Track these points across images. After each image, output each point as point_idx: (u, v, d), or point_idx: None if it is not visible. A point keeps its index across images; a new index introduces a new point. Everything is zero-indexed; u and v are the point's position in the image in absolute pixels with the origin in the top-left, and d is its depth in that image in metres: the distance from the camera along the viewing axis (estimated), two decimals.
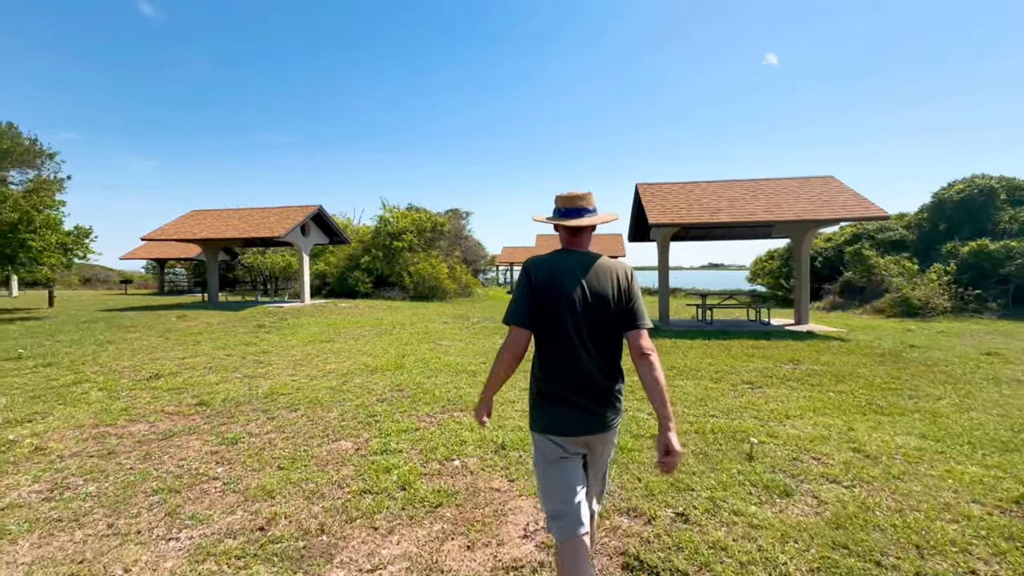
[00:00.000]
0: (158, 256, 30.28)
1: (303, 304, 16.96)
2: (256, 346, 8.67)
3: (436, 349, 8.32)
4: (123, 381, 6.06)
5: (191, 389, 5.62)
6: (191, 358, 7.57)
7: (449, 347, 8.55)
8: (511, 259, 39.10)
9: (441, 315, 14.67)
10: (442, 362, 7.15)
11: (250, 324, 11.91)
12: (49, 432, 4.23)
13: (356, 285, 22.33)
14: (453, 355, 7.76)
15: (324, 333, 10.28)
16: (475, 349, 8.35)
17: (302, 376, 6.26)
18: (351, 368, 6.74)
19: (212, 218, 17.50)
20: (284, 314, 14.04)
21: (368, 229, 26.57)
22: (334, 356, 7.68)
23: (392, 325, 11.78)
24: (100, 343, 9.00)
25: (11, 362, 7.37)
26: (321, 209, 17.45)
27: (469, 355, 7.79)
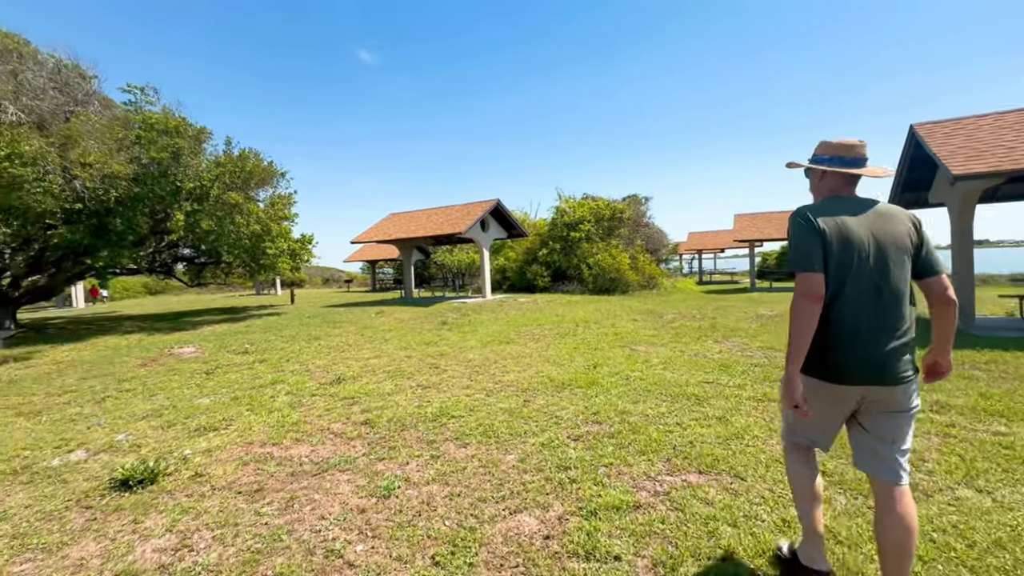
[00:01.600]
0: (371, 258, 34.88)
1: (484, 300, 16.93)
2: (436, 346, 8.19)
3: (634, 357, 6.63)
4: (309, 384, 5.86)
5: (363, 400, 5.03)
6: (375, 359, 7.32)
7: (650, 355, 6.78)
8: (699, 245, 34.91)
9: (627, 311, 12.88)
10: (648, 378, 5.44)
11: (435, 320, 11.90)
12: (219, 449, 3.85)
13: (534, 279, 21.88)
14: (658, 366, 5.98)
15: (503, 332, 9.46)
16: (686, 360, 6.41)
17: (477, 390, 5.24)
18: (532, 381, 5.50)
19: (405, 219, 18.73)
20: (467, 310, 13.96)
21: (544, 222, 26.05)
22: (513, 362, 6.60)
23: (574, 323, 10.46)
24: (309, 339, 9.64)
25: (239, 356, 8.11)
26: (499, 203, 17.20)
27: (681, 368, 5.91)
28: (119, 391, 6.14)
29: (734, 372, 5.58)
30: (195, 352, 8.74)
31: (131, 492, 3.13)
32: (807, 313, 1.68)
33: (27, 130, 9.30)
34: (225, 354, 8.36)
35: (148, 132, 11.52)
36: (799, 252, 1.73)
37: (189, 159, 12.67)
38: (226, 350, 8.68)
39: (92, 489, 3.20)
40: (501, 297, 18.11)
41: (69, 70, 11.57)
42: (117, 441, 4.13)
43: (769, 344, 7.26)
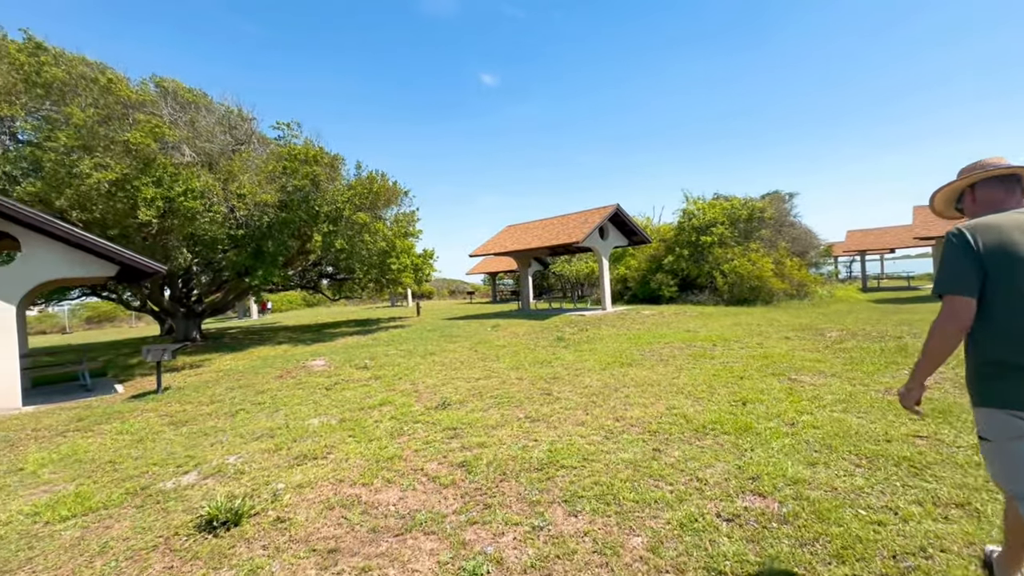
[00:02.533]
0: (491, 270, 35.72)
1: (604, 312, 15.88)
2: (549, 367, 7.49)
3: (796, 391, 5.21)
4: (415, 408, 5.54)
5: (465, 433, 4.50)
6: (484, 380, 6.86)
7: (819, 389, 5.29)
8: (861, 246, 29.69)
9: (775, 326, 10.90)
10: (823, 424, 4.10)
11: (550, 336, 11.25)
12: (311, 485, 3.56)
13: (659, 289, 20.17)
14: (835, 407, 4.55)
15: (625, 352, 8.43)
16: (874, 399, 4.83)
17: (594, 428, 4.40)
18: (663, 420, 4.49)
19: (521, 231, 18.51)
20: (585, 324, 13.09)
21: (669, 227, 24.10)
22: (637, 391, 5.61)
23: (710, 341, 9.01)
24: (425, 354, 9.61)
25: (359, 371, 8.28)
26: (619, 209, 16.08)
27: (870, 411, 4.41)
28: (252, 404, 6.47)
29: (958, 421, 3.96)
30: (324, 365, 9.19)
31: (214, 535, 2.90)
32: (948, 338, 1.68)
33: (199, 168, 10.77)
34: (348, 368, 8.62)
35: (292, 163, 12.75)
36: (947, 273, 1.69)
37: (326, 184, 13.80)
38: (350, 364, 8.97)
39: (183, 525, 3.05)
40: (622, 309, 16.88)
41: (233, 115, 13.34)
42: (227, 464, 4.10)
43: None
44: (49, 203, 9.13)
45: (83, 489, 3.78)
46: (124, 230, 10.18)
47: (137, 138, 9.36)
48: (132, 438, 5.23)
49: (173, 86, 12.26)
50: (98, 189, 9.01)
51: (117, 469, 4.24)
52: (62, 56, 9.60)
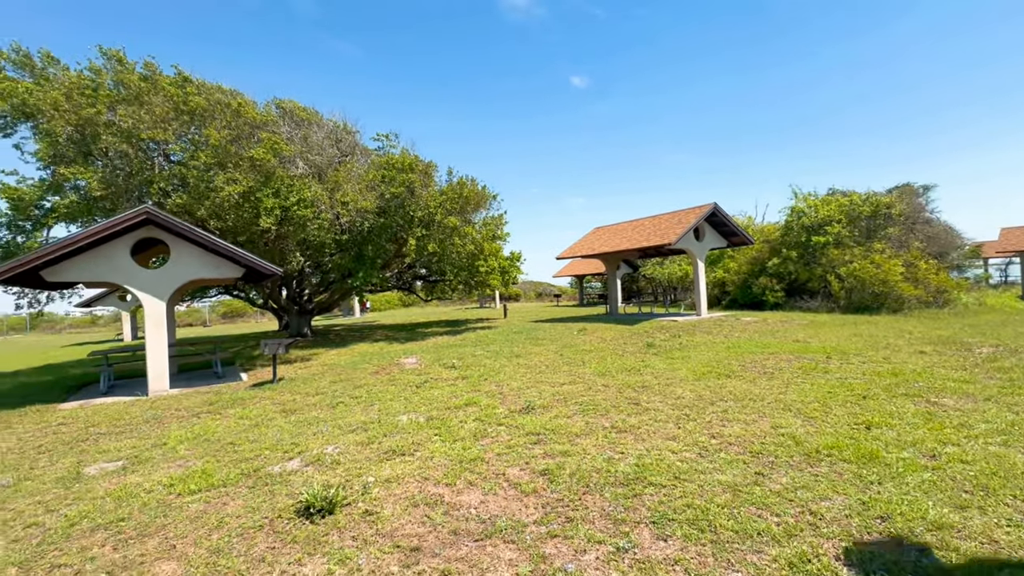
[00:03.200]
0: (578, 273, 35.31)
1: (699, 317, 14.93)
2: (638, 375, 7.15)
3: (936, 417, 4.44)
4: (499, 410, 5.55)
5: (548, 439, 4.40)
6: (569, 385, 6.71)
7: (968, 416, 4.46)
8: (1019, 246, 25.08)
9: (906, 338, 9.48)
10: (975, 459, 3.43)
11: (639, 342, 10.78)
12: (398, 481, 3.67)
13: (762, 294, 18.56)
14: (990, 439, 3.79)
15: (722, 362, 7.81)
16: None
17: (687, 443, 4.07)
18: (767, 440, 4.05)
19: (609, 233, 18.04)
20: (677, 330, 12.39)
21: (775, 227, 22.13)
22: (737, 406, 5.14)
23: (823, 353, 8.05)
24: (511, 356, 9.67)
25: (447, 371, 8.53)
26: (716, 208, 15.05)
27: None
28: (350, 397, 6.91)
29: None
30: (415, 363, 9.60)
31: (310, 521, 3.09)
32: None
33: (310, 179, 11.83)
34: (437, 367, 8.92)
35: (390, 171, 13.55)
36: None
37: (420, 191, 14.48)
38: (439, 363, 9.28)
39: (285, 509, 3.29)
40: (720, 315, 15.76)
41: (340, 129, 14.49)
42: (325, 454, 4.39)
43: None
44: (192, 213, 10.55)
45: (208, 466, 4.25)
46: (250, 236, 11.48)
47: (260, 154, 10.49)
48: (250, 423, 5.82)
49: (290, 106, 13.61)
50: (229, 200, 10.24)
51: (236, 450, 4.72)
52: (203, 86, 11.09)
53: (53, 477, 4.28)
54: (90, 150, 10.24)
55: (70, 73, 9.94)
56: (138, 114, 9.87)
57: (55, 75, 10.13)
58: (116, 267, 8.62)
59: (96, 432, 5.81)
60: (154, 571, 2.65)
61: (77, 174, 9.43)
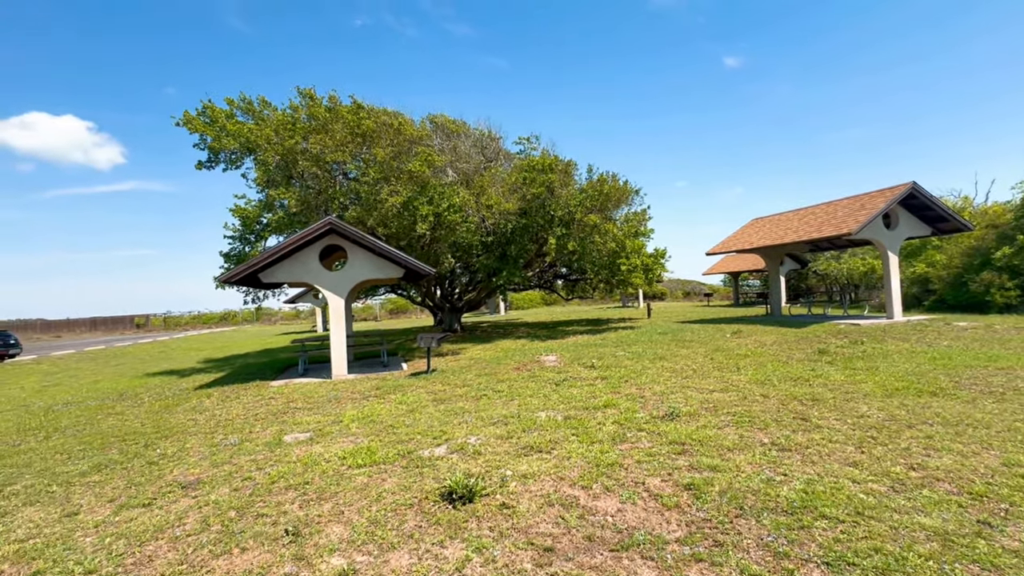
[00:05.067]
0: (733, 269, 32.17)
1: (890, 321, 12.42)
2: (807, 385, 6.19)
3: None
4: (640, 415, 5.28)
5: (694, 450, 4.03)
6: (719, 392, 6.09)
7: None
8: None
9: None
10: None
11: (809, 348, 9.36)
12: (534, 478, 3.70)
13: (985, 293, 14.73)
14: None
15: (925, 375, 6.35)
16: None
17: (873, 474, 3.37)
18: (995, 477, 3.14)
19: (770, 224, 16.04)
20: (860, 335, 10.48)
21: (1003, 207, 17.42)
22: (949, 432, 4.10)
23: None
24: (654, 358, 9.17)
25: (586, 370, 8.42)
26: (915, 187, 12.34)
27: None
28: (493, 391, 7.24)
29: None
30: (555, 361, 9.69)
31: (452, 506, 3.27)
32: None
33: (458, 186, 12.75)
34: (576, 366, 8.87)
35: (530, 173, 13.92)
36: None
37: (560, 190, 14.61)
38: (578, 362, 9.23)
39: (431, 492, 3.54)
40: (920, 318, 12.91)
41: (485, 136, 15.34)
42: (468, 444, 4.64)
43: None
44: (363, 223, 12.15)
45: (372, 444, 4.80)
46: (409, 241, 12.81)
47: (416, 167, 11.62)
48: (407, 408, 6.45)
49: (442, 120, 14.84)
50: (392, 210, 11.54)
51: (394, 432, 5.26)
52: (372, 111, 12.70)
53: (263, 441, 5.25)
54: (291, 174, 12.46)
55: (277, 113, 12.19)
56: (324, 140, 11.70)
57: (268, 116, 12.54)
58: (309, 269, 10.28)
59: (293, 407, 7.00)
60: (327, 531, 3.06)
61: (281, 195, 11.54)
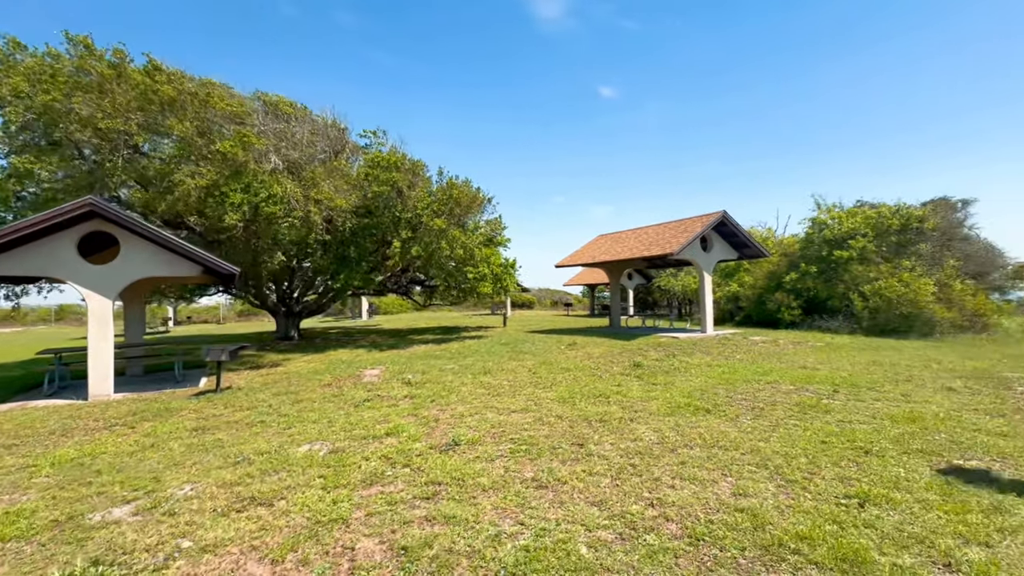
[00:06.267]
0: (589, 281, 34.15)
1: (703, 335, 13.74)
2: (605, 403, 6.14)
3: (957, 493, 3.34)
4: (417, 445, 4.64)
5: (444, 495, 3.46)
6: (519, 413, 5.75)
7: (1006, 495, 3.36)
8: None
9: (933, 368, 8.20)
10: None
11: (628, 361, 9.73)
12: (215, 550, 2.80)
13: (777, 311, 17.20)
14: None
15: (708, 391, 6.74)
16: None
17: (610, 516, 3.09)
18: (719, 512, 3.04)
19: (611, 241, 16.99)
20: (675, 348, 11.28)
21: (795, 239, 20.69)
22: (701, 457, 4.11)
23: (830, 385, 6.90)
24: (479, 372, 8.75)
25: (401, 388, 7.65)
26: (725, 216, 13.87)
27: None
28: (278, 415, 6.10)
29: None
30: (375, 376, 8.78)
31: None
32: None
33: (283, 175, 11.20)
34: (393, 383, 8.07)
35: (373, 169, 12.86)
36: None
37: (408, 191, 13.77)
38: (398, 378, 8.43)
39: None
40: (728, 332, 14.52)
41: (328, 125, 13.89)
42: (173, 497, 3.55)
43: None
44: (153, 208, 10.01)
45: (38, 504, 3.46)
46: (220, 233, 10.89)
47: (226, 147, 9.89)
48: (151, 442, 5.07)
49: (275, 99, 13.07)
50: (191, 195, 9.65)
51: (89, 484, 3.93)
52: (175, 75, 10.60)
53: None
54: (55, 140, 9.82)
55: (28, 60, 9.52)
56: (99, 103, 9.39)
57: (21, 61, 9.75)
58: (59, 261, 8.04)
59: None
60: None
61: (29, 163, 8.97)
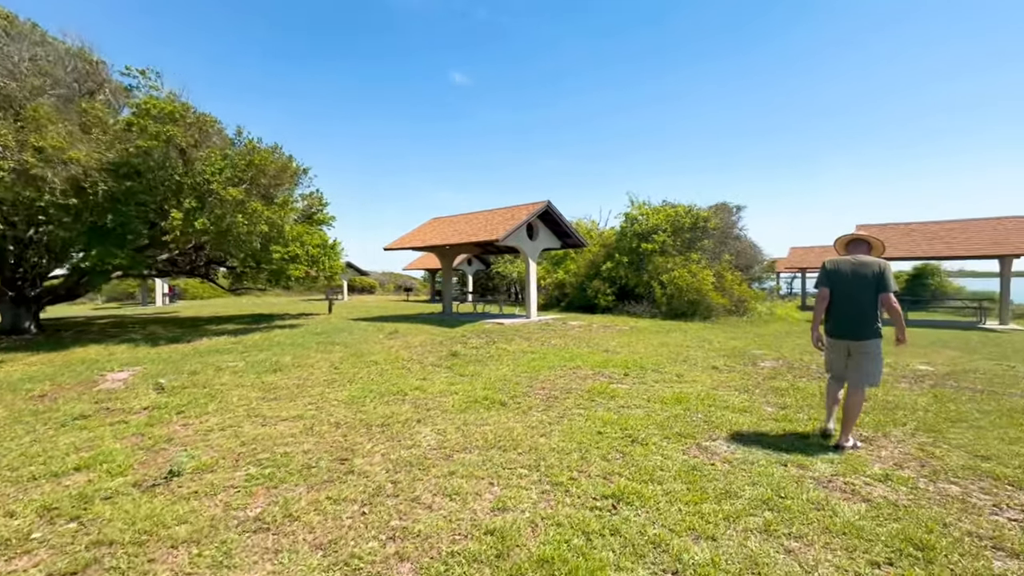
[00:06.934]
0: (430, 266, 33.40)
1: (527, 320, 14.12)
2: (400, 402, 5.54)
3: (701, 478, 3.49)
4: (119, 480, 3.42)
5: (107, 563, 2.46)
6: (291, 421, 4.81)
7: (736, 473, 3.60)
8: (802, 263, 29.49)
9: (706, 348, 9.43)
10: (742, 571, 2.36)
11: (446, 350, 9.32)
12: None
13: (595, 297, 18.69)
14: (754, 515, 2.84)
15: (511, 380, 6.61)
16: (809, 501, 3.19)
17: (347, 558, 2.47)
18: (466, 541, 2.64)
19: (444, 224, 16.50)
20: (498, 335, 11.25)
21: (613, 232, 22.75)
22: (475, 462, 3.74)
23: (623, 368, 7.35)
24: (266, 370, 7.44)
25: (148, 396, 6.02)
26: (549, 206, 14.35)
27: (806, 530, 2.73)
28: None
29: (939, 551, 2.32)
30: (121, 382, 6.86)
31: None
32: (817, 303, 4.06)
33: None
34: (141, 389, 6.35)
35: (141, 119, 10.19)
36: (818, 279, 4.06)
37: (193, 151, 11.30)
38: (152, 382, 6.69)
39: None
40: (550, 318, 15.19)
41: (72, 54, 10.61)
42: None
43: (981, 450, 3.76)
44: None
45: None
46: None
47: None
48: None
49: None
50: None
51: None
52: None
53: None
54: None
55: None
56: None
57: None
58: None
59: None
60: None
61: None
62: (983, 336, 12.68)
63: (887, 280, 3.71)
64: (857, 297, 3.79)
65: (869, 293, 3.75)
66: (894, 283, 3.70)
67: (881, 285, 3.72)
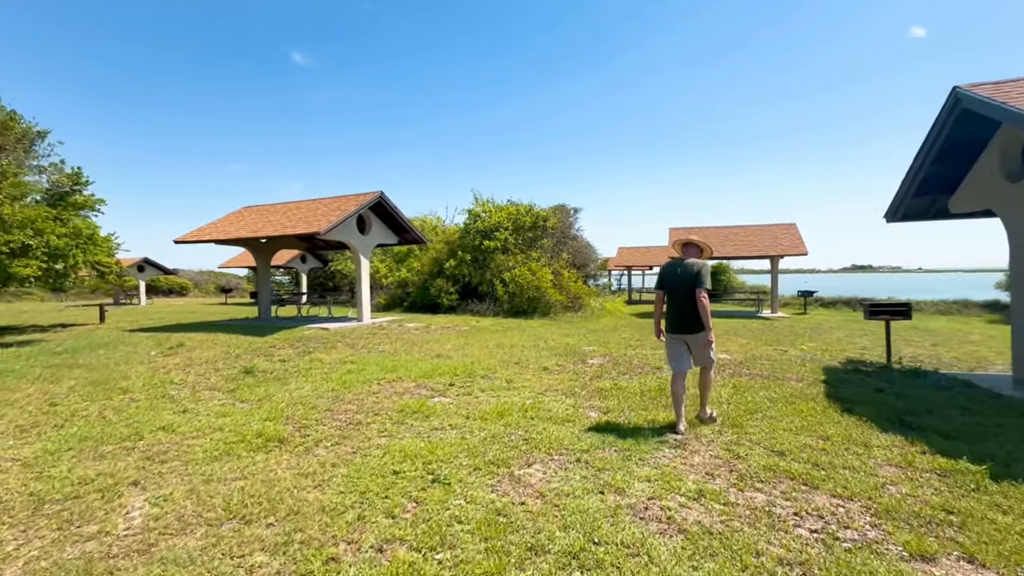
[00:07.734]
0: (252, 264, 29.08)
1: (359, 324, 12.65)
2: (125, 451, 3.92)
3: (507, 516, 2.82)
4: None
5: None
6: None
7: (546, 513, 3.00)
8: (629, 262, 32.61)
9: (540, 347, 9.23)
10: None
11: (242, 365, 7.54)
12: None
13: (438, 296, 17.86)
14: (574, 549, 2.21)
15: (308, 405, 5.35)
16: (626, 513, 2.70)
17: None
18: None
19: (256, 215, 14.03)
20: (316, 343, 9.65)
21: (457, 229, 22.20)
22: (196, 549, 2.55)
23: (451, 376, 6.60)
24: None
25: None
26: (382, 197, 13.06)
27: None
28: None
29: None
30: None
31: None
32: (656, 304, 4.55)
33: None
34: None
35: None
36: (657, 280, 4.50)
37: None
38: None
39: None
40: (387, 319, 13.89)
41: None
42: None
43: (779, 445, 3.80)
44: None
45: None
46: None
47: None
48: None
49: None
50: None
51: None
52: None
53: None
54: None
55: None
56: None
57: None
58: None
59: None
60: None
61: None
62: (762, 323, 15.00)
63: (701, 277, 4.17)
64: (684, 296, 4.24)
65: (692, 291, 4.19)
66: (708, 281, 4.13)
67: (696, 282, 4.18)
